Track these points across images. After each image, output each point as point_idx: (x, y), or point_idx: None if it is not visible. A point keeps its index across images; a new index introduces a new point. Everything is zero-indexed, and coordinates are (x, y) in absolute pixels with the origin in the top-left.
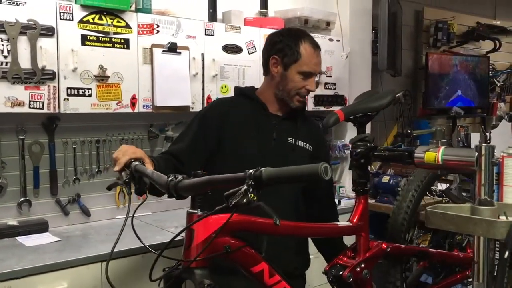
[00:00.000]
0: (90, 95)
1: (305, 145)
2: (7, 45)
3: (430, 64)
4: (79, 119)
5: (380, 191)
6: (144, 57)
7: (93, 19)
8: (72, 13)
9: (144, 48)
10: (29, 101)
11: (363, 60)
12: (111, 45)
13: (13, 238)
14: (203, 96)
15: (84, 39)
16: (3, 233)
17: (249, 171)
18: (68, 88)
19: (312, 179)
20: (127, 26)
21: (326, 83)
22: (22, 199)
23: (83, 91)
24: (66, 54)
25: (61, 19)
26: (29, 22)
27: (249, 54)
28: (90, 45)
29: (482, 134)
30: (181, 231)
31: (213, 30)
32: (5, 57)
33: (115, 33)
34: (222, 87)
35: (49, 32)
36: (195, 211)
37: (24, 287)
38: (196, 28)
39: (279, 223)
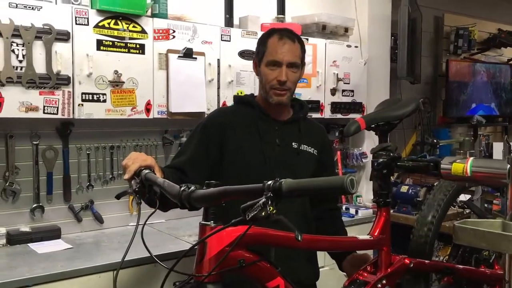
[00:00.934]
0: (104, 101)
1: (310, 149)
2: (22, 50)
3: (450, 71)
4: (94, 124)
5: (398, 201)
6: (159, 63)
7: (109, 24)
8: (87, 18)
9: (159, 53)
10: (44, 106)
11: (382, 66)
12: (126, 50)
13: (25, 244)
14: (218, 102)
15: (99, 44)
16: (15, 239)
17: (267, 182)
18: (82, 93)
19: (336, 192)
20: (143, 31)
21: (343, 90)
22: (35, 205)
23: (98, 96)
24: (81, 59)
25: (76, 23)
26: (45, 26)
27: None
28: (105, 50)
29: (506, 143)
30: (193, 245)
31: (230, 35)
32: (20, 61)
33: (130, 38)
34: (237, 94)
35: (64, 36)
36: (208, 223)
37: None
38: (212, 33)
39: (301, 238)
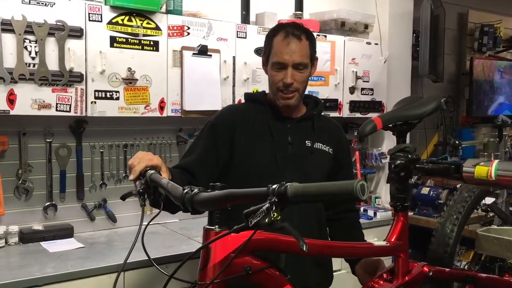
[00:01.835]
0: (118, 98)
1: (325, 147)
2: (35, 46)
3: (475, 69)
4: (107, 122)
5: (419, 203)
6: (173, 60)
7: (123, 20)
8: (101, 14)
9: (174, 50)
10: (56, 104)
11: (403, 64)
12: (140, 47)
13: (37, 243)
14: (233, 100)
15: (112, 41)
16: (28, 237)
17: (272, 186)
18: (95, 90)
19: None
20: (157, 28)
21: (362, 89)
22: (48, 203)
23: (111, 94)
24: (94, 56)
25: (90, 20)
26: (58, 23)
27: None
28: (118, 47)
29: None
30: (196, 251)
31: (245, 32)
32: (33, 58)
33: (144, 35)
34: (253, 92)
35: (77, 33)
36: (212, 227)
37: None
38: (227, 30)
39: (306, 249)
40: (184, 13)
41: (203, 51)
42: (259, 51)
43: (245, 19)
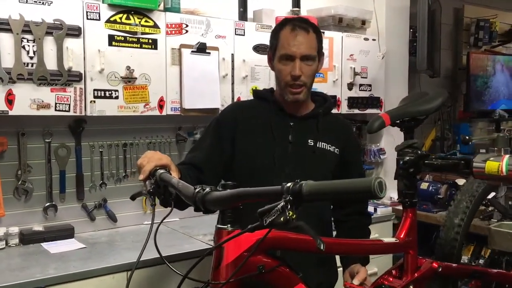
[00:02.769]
0: (117, 97)
1: (330, 147)
2: (33, 46)
3: (471, 64)
4: (106, 121)
5: (418, 198)
6: (172, 58)
7: (121, 18)
8: (99, 13)
9: (172, 48)
10: (55, 103)
11: (400, 60)
12: (138, 46)
13: (38, 244)
14: (233, 98)
15: (111, 40)
16: (28, 238)
17: (286, 185)
18: (94, 90)
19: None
20: (155, 26)
21: (361, 85)
22: (48, 203)
23: (110, 93)
24: (92, 55)
25: (88, 18)
26: (56, 22)
27: None
28: (117, 46)
29: None
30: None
31: (244, 29)
32: (31, 58)
33: (143, 33)
34: (253, 89)
35: (75, 32)
36: (224, 226)
37: None
38: (226, 27)
39: (323, 248)
40: (182, 11)
41: (201, 48)
42: (258, 48)
43: (243, 16)
